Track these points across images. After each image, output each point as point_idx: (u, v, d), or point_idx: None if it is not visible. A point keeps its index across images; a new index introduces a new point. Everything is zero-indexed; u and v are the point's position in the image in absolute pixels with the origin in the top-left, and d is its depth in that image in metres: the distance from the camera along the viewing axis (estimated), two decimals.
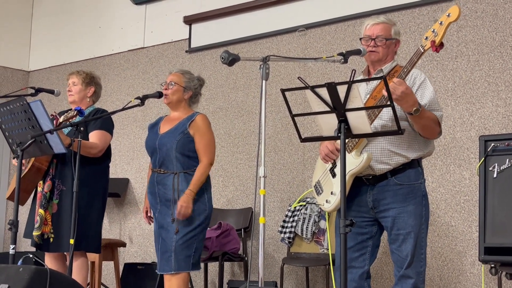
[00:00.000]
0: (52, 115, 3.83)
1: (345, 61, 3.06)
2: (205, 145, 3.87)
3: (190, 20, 6.15)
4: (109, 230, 6.31)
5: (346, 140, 3.02)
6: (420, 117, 2.93)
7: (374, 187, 3.09)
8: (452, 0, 4.72)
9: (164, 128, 3.97)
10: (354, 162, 3.02)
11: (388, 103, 2.66)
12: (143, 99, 3.74)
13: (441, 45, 2.85)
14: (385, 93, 2.80)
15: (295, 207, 4.99)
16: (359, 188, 3.11)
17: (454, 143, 4.58)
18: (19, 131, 3.55)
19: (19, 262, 2.99)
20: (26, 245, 6.37)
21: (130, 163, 6.39)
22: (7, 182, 7.23)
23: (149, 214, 4.02)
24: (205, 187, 3.89)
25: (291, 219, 4.97)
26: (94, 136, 3.98)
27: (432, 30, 2.84)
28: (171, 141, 3.86)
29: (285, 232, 4.96)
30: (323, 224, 4.82)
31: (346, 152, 3.02)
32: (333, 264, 4.17)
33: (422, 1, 4.85)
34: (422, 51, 2.87)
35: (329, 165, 3.21)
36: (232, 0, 5.89)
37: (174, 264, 3.75)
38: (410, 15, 4.91)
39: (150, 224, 4.06)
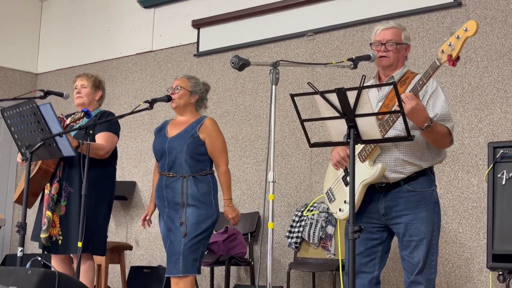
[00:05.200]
0: (59, 117, 3.84)
1: (355, 67, 3.04)
2: (219, 150, 3.92)
3: (198, 24, 6.17)
4: (115, 233, 6.32)
5: (360, 149, 3.03)
6: (431, 132, 2.92)
7: (387, 194, 3.08)
8: (461, 6, 4.72)
9: (172, 132, 3.98)
10: (368, 172, 3.01)
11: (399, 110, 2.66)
12: (151, 103, 3.74)
13: (457, 59, 2.82)
14: (397, 108, 2.78)
15: (307, 215, 4.97)
16: (372, 195, 3.10)
17: (462, 150, 4.57)
18: (28, 133, 3.55)
19: (28, 265, 2.99)
20: (33, 247, 6.39)
21: (137, 166, 6.40)
22: (14, 184, 7.26)
23: (147, 218, 4.04)
24: (213, 191, 3.89)
25: (298, 224, 4.97)
26: (101, 138, 3.99)
27: (448, 43, 2.79)
28: (181, 145, 3.86)
29: (292, 237, 4.95)
30: (330, 229, 4.81)
31: (360, 161, 3.03)
32: (342, 269, 4.16)
33: (431, 7, 4.85)
34: (438, 64, 2.83)
35: (342, 173, 3.20)
36: (240, 5, 5.90)
37: (182, 267, 3.76)
38: (419, 20, 4.91)
39: (144, 227, 4.09)
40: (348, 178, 3.13)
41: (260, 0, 5.79)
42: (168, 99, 3.92)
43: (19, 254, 3.34)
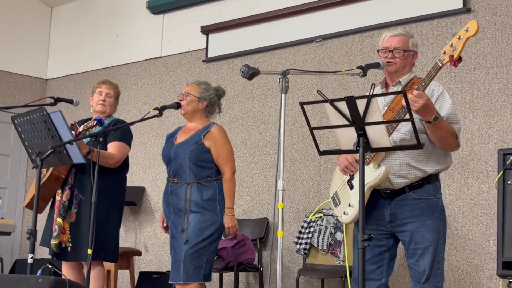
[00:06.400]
0: (72, 124, 3.87)
1: (364, 75, 3.05)
2: (225, 157, 3.87)
3: (207, 30, 6.18)
4: (124, 239, 6.33)
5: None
6: (437, 126, 2.91)
7: (392, 201, 3.08)
8: (470, 12, 4.71)
9: (180, 139, 3.98)
10: (372, 174, 3.01)
11: (407, 116, 2.66)
12: (161, 110, 3.75)
13: (459, 59, 2.83)
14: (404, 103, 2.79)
15: (311, 219, 4.98)
16: (377, 201, 3.10)
17: (472, 156, 4.55)
18: (39, 141, 3.57)
19: (38, 273, 3.01)
20: (42, 252, 6.41)
21: (146, 171, 6.42)
22: (24, 189, 7.29)
23: (165, 225, 4.02)
24: (218, 197, 3.88)
25: (307, 230, 4.96)
26: (113, 147, 4.00)
27: (450, 44, 2.83)
28: (184, 151, 3.86)
29: (300, 243, 4.95)
30: (339, 235, 4.80)
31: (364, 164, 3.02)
32: (350, 276, 4.16)
33: (440, 13, 4.84)
34: (440, 65, 2.85)
35: (347, 177, 3.20)
36: (249, 11, 5.91)
37: (183, 274, 3.75)
38: (428, 26, 4.90)
39: (167, 233, 4.07)
40: (353, 182, 3.14)
41: (268, 6, 5.80)
42: (177, 106, 3.92)
43: (29, 261, 3.34)
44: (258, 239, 5.30)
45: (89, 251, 3.40)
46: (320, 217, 4.95)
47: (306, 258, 4.95)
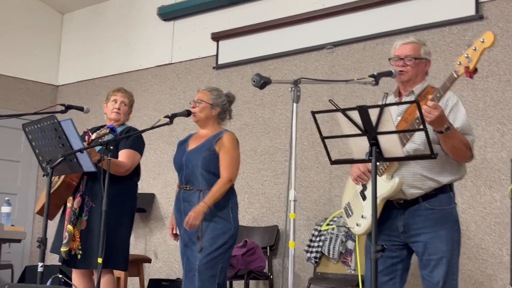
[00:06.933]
0: (84, 131, 3.87)
1: (376, 83, 3.02)
2: (228, 162, 3.82)
3: (217, 37, 6.18)
4: (134, 246, 6.32)
5: (378, 163, 2.99)
6: (449, 136, 2.88)
7: (405, 212, 3.05)
8: (482, 19, 4.67)
9: (192, 145, 3.97)
10: (385, 186, 2.98)
11: (421, 126, 2.64)
12: (172, 118, 3.74)
13: (475, 71, 2.79)
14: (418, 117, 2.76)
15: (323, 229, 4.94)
16: (390, 212, 3.07)
17: (484, 164, 4.51)
18: (49, 148, 3.57)
19: (48, 282, 3.00)
20: (52, 259, 6.41)
21: (156, 178, 6.41)
22: (34, 196, 7.30)
23: (174, 232, 4.00)
24: (231, 205, 3.85)
25: (317, 239, 4.93)
26: (123, 155, 3.99)
27: (465, 55, 2.77)
28: (196, 158, 3.84)
29: (311, 252, 4.92)
30: (350, 244, 4.76)
31: (378, 175, 2.98)
32: (362, 285, 4.12)
33: (452, 20, 4.81)
34: (456, 76, 2.81)
35: (360, 188, 3.17)
36: (259, 17, 5.91)
37: (198, 284, 3.72)
38: (440, 33, 4.87)
39: (176, 241, 4.05)
40: (365, 192, 3.11)
41: (279, 13, 5.79)
42: (188, 114, 3.91)
43: (39, 269, 3.33)
44: (268, 247, 5.27)
45: (99, 260, 3.38)
46: (334, 228, 4.91)
47: (317, 267, 4.92)
